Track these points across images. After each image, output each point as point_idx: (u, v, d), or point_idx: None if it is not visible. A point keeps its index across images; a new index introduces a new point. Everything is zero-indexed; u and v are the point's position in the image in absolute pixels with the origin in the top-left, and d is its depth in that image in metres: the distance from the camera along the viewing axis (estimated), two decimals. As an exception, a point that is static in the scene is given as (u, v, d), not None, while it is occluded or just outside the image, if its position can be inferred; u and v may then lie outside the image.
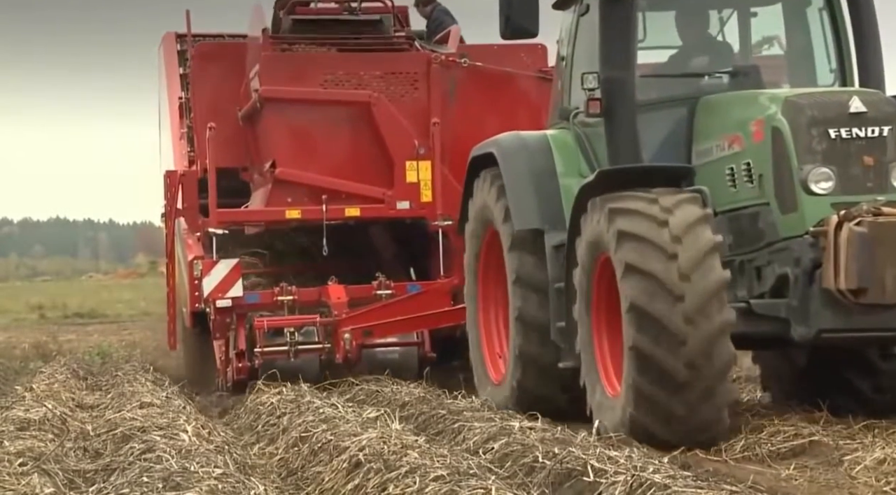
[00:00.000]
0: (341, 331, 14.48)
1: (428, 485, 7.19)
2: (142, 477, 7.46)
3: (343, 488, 8.04)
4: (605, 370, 10.40)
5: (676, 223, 9.78)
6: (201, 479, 7.30)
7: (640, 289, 9.71)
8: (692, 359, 9.57)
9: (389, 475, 7.69)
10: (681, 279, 9.64)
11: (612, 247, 9.96)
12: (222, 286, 14.88)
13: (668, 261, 9.67)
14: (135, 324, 31.57)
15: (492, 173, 12.10)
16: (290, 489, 8.70)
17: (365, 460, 8.28)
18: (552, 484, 7.74)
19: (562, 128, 12.03)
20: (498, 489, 6.90)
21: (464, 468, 7.75)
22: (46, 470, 8.15)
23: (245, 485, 7.46)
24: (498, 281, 12.35)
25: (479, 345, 12.66)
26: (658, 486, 6.82)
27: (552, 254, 11.39)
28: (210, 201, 15.37)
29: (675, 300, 9.62)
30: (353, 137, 15.57)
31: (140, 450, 8.81)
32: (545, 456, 8.18)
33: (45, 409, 11.56)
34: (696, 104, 11.19)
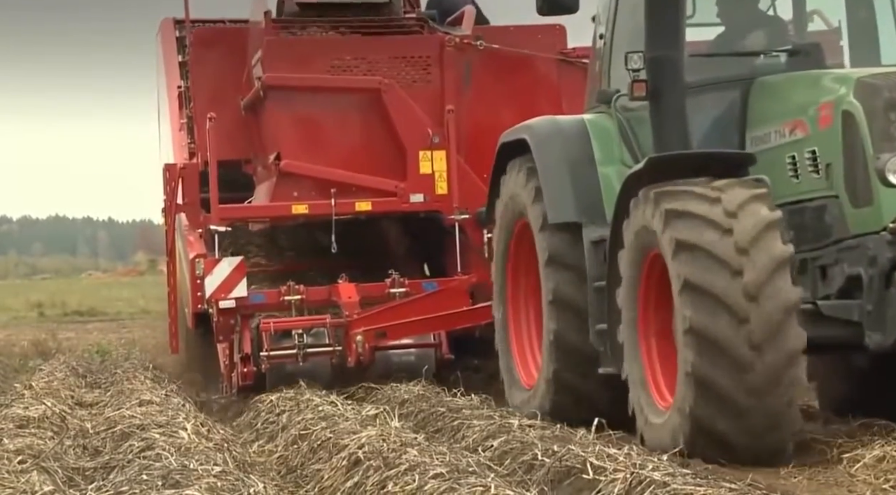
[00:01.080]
0: (353, 333, 13.67)
1: (427, 483, 7.19)
2: (141, 474, 7.46)
3: (342, 486, 8.05)
4: (654, 376, 9.49)
5: (743, 231, 8.77)
6: (200, 477, 7.31)
7: (699, 309, 8.74)
8: (757, 387, 8.64)
9: (389, 472, 7.69)
10: (746, 299, 8.66)
11: (668, 254, 9.02)
12: (225, 285, 14.02)
13: (732, 279, 8.69)
14: (134, 322, 31.62)
15: (523, 161, 11.30)
16: (290, 487, 8.72)
17: (364, 458, 8.29)
18: (551, 482, 7.75)
19: (600, 112, 11.17)
20: (497, 487, 6.88)
21: (463, 466, 7.77)
22: (46, 467, 8.14)
23: (244, 483, 7.46)
24: (529, 279, 11.57)
25: (508, 350, 11.84)
26: (657, 484, 6.81)
27: (591, 250, 10.58)
28: (211, 196, 14.54)
29: (740, 323, 8.66)
30: (363, 126, 14.75)
31: (139, 448, 8.83)
32: (544, 454, 8.17)
33: (44, 407, 11.56)
34: (750, 86, 10.26)
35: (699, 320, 8.71)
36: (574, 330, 10.66)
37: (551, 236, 10.84)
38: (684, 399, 8.83)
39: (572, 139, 11.00)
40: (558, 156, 10.95)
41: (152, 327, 23.83)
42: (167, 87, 17.25)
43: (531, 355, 11.59)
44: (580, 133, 11.02)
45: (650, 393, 9.41)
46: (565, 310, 10.71)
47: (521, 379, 11.61)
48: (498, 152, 11.74)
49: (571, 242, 10.70)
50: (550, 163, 10.94)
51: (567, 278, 10.70)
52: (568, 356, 10.74)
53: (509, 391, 11.75)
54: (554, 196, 10.84)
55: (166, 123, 17.55)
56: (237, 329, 14.09)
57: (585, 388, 10.67)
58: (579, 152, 10.92)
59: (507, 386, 11.80)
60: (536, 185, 10.98)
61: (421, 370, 13.71)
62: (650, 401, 9.39)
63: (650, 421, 9.32)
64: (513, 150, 11.48)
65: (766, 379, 8.63)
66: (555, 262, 10.79)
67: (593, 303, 10.44)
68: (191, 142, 16.08)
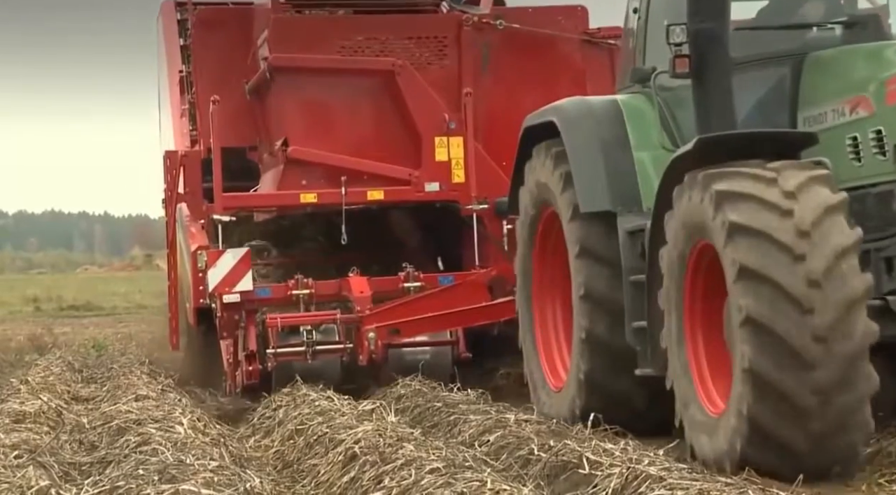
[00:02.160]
0: (365, 330, 13.01)
1: (423, 478, 7.17)
2: (137, 469, 7.45)
3: (339, 481, 8.05)
4: (703, 382, 8.67)
5: (804, 212, 7.98)
6: (197, 472, 7.30)
7: (757, 298, 7.93)
8: (822, 385, 7.83)
9: (385, 467, 7.68)
10: (810, 287, 7.86)
11: (721, 240, 8.20)
12: (230, 279, 13.24)
13: (794, 264, 7.89)
14: (130, 317, 31.66)
15: (550, 146, 10.57)
16: (286, 481, 8.74)
17: (360, 453, 8.29)
18: (548, 477, 7.74)
19: (635, 92, 10.44)
20: (493, 481, 6.86)
21: (459, 460, 7.77)
22: (42, 462, 8.13)
23: (241, 478, 7.45)
24: (557, 272, 10.89)
25: (533, 349, 11.13)
26: (653, 478, 6.79)
27: (626, 241, 9.84)
28: (215, 184, 13.81)
29: (803, 313, 7.85)
30: (375, 111, 14.07)
31: (135, 443, 8.82)
32: (541, 449, 8.17)
33: (40, 402, 11.56)
34: (802, 61, 9.47)
35: (757, 310, 7.91)
36: (607, 328, 10.00)
37: (583, 226, 10.16)
38: (741, 399, 8.02)
39: (605, 121, 10.31)
40: (590, 140, 10.25)
41: (148, 322, 23.85)
42: (168, 73, 16.77)
43: (559, 354, 10.95)
44: (613, 114, 10.33)
45: (700, 401, 8.61)
46: (598, 306, 10.05)
47: (549, 380, 10.95)
48: (522, 136, 11.06)
49: (605, 233, 10.01)
50: (581, 148, 10.24)
51: (600, 272, 10.03)
52: (601, 356, 10.06)
53: (535, 393, 11.07)
54: (586, 183, 10.14)
55: (167, 111, 17.13)
56: (242, 325, 13.44)
57: (620, 391, 9.99)
58: (612, 135, 10.23)
59: (532, 387, 11.12)
60: (566, 172, 10.30)
61: (436, 369, 13.12)
62: (700, 410, 8.58)
63: (701, 432, 8.50)
64: (539, 134, 10.80)
65: (832, 376, 7.83)
66: (587, 255, 10.12)
67: (630, 299, 9.71)
68: (192, 130, 15.60)
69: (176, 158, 14.94)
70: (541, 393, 10.95)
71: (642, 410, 9.71)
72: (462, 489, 6.77)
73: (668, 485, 6.60)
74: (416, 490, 7.06)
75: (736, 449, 8.01)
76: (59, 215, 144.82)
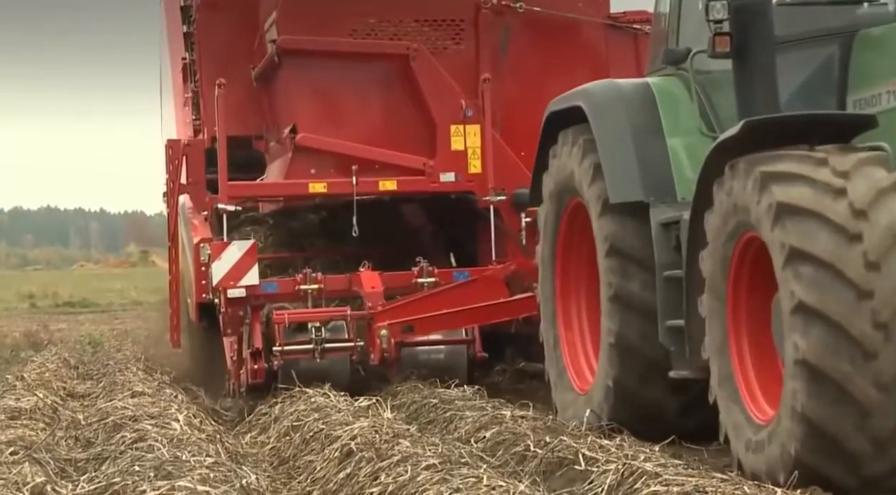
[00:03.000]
0: (377, 327, 12.35)
1: (420, 474, 7.17)
2: (133, 465, 7.44)
3: (335, 477, 8.06)
4: (748, 386, 7.99)
5: (858, 191, 7.28)
6: (193, 468, 7.29)
7: (809, 283, 7.22)
8: (884, 378, 7.09)
9: (381, 464, 7.69)
10: (867, 268, 7.14)
11: (767, 224, 7.49)
12: (235, 273, 12.56)
13: (850, 244, 7.17)
14: (126, 313, 31.77)
15: (577, 131, 9.93)
16: (282, 478, 8.76)
17: (357, 449, 8.31)
18: (543, 473, 7.74)
19: (668, 75, 9.81)
20: (489, 477, 6.86)
21: (455, 456, 7.79)
22: (37, 458, 8.13)
23: (237, 474, 7.46)
24: (582, 266, 10.27)
25: (556, 347, 10.47)
26: (649, 474, 6.77)
27: (660, 233, 9.17)
28: (220, 172, 13.17)
29: (861, 297, 7.13)
30: (388, 97, 13.47)
31: (131, 439, 8.81)
32: (536, 445, 8.18)
33: (36, 398, 11.56)
34: (852, 39, 8.78)
35: (810, 296, 7.19)
36: (639, 332, 9.33)
37: (613, 221, 9.49)
38: (793, 396, 7.29)
39: (635, 106, 9.65)
40: (620, 126, 9.58)
41: (144, 318, 23.90)
42: (170, 60, 16.35)
43: (584, 354, 10.33)
44: (644, 98, 9.68)
45: (747, 410, 7.91)
46: (629, 309, 9.37)
47: (573, 381, 10.28)
48: (546, 122, 10.42)
49: (637, 229, 9.36)
50: (611, 134, 9.58)
51: (632, 272, 9.36)
52: (631, 361, 9.39)
53: (556, 393, 10.44)
54: (616, 172, 9.46)
55: (169, 99, 16.65)
56: (247, 321, 12.79)
57: (650, 398, 9.35)
58: (644, 121, 9.57)
59: (554, 387, 10.48)
60: (595, 162, 9.65)
61: (451, 370, 12.49)
62: (748, 420, 7.86)
63: (749, 442, 7.75)
64: (564, 120, 10.13)
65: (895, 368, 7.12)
66: (617, 253, 9.44)
67: (663, 296, 9.06)
68: (196, 119, 15.14)
69: (178, 148, 14.31)
70: (563, 393, 10.34)
71: (674, 419, 9.16)
72: (458, 485, 6.76)
73: (663, 481, 6.57)
74: (412, 486, 7.05)
75: (790, 454, 7.29)
76: (54, 211, 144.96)
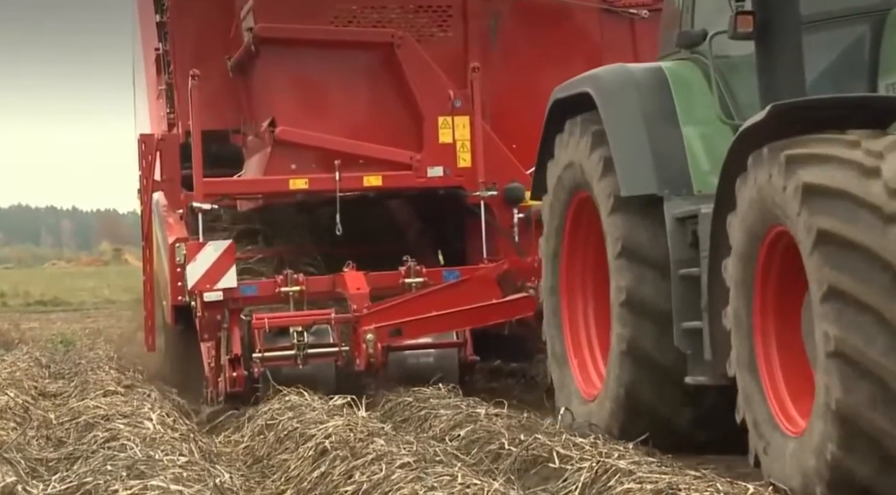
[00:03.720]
0: (363, 331, 11.68)
1: (394, 472, 7.18)
2: (105, 465, 7.40)
3: (309, 476, 8.06)
4: (777, 396, 7.32)
5: (894, 170, 6.64)
6: (166, 467, 7.27)
7: (842, 267, 6.58)
8: None
9: (356, 462, 7.71)
10: None
11: (794, 209, 6.86)
12: (211, 274, 11.92)
13: (885, 226, 6.54)
14: (99, 312, 31.61)
15: (586, 122, 9.33)
16: (256, 477, 8.77)
17: (331, 447, 8.32)
18: (518, 471, 7.78)
19: (682, 59, 9.21)
20: (464, 476, 6.88)
21: (430, 455, 7.83)
22: (8, 458, 8.08)
23: (210, 473, 7.46)
24: (588, 264, 9.77)
25: (560, 349, 9.89)
26: (623, 472, 6.81)
27: (675, 229, 8.54)
28: (195, 168, 12.47)
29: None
30: (372, 88, 12.84)
31: (103, 439, 8.78)
32: (511, 443, 8.21)
33: (7, 398, 11.50)
34: (885, 18, 8.10)
35: (841, 280, 6.57)
36: (652, 337, 8.72)
37: (625, 221, 8.87)
38: (827, 393, 6.63)
39: (648, 92, 9.05)
40: (632, 114, 8.97)
41: (117, 317, 23.85)
42: (143, 52, 15.87)
43: (591, 358, 9.77)
44: (658, 84, 9.08)
45: (778, 425, 7.23)
46: (642, 313, 8.75)
47: (578, 386, 9.71)
48: (551, 110, 9.82)
49: (650, 228, 8.73)
50: (622, 123, 8.97)
51: (645, 275, 8.73)
52: (643, 368, 8.80)
53: (559, 397, 9.86)
54: (628, 163, 8.84)
55: (142, 93, 16.12)
56: (225, 325, 12.13)
57: (664, 407, 8.78)
58: (658, 108, 8.97)
59: (557, 391, 9.90)
60: (605, 155, 9.05)
61: (441, 374, 11.82)
62: (779, 434, 7.20)
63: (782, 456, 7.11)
64: (571, 108, 9.54)
65: None
66: (630, 255, 8.82)
67: (679, 296, 8.44)
68: (170, 112, 14.52)
69: (152, 142, 13.63)
70: (568, 400, 9.74)
71: (688, 430, 8.63)
72: (432, 483, 6.76)
73: (637, 479, 6.58)
74: (386, 484, 7.03)
75: (826, 458, 6.62)
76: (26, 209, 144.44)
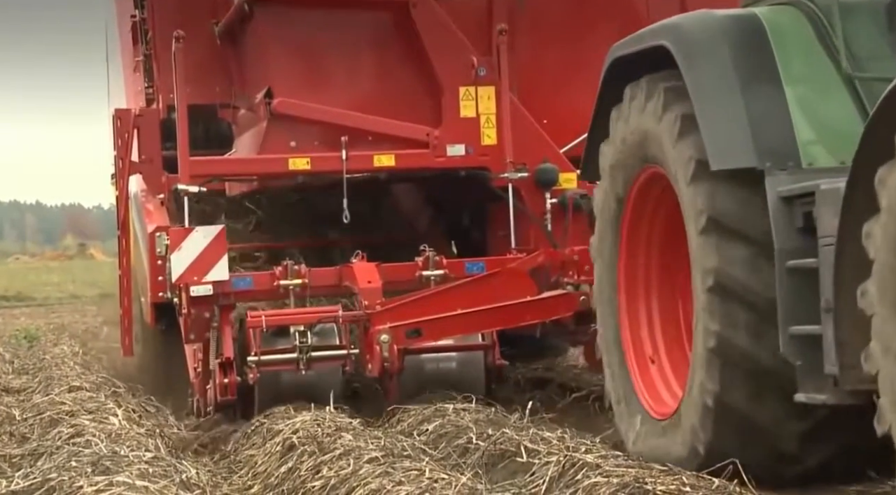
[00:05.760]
0: (375, 331, 10.19)
1: (362, 467, 7.27)
2: (70, 461, 7.38)
3: (276, 471, 8.12)
4: None
5: None
6: (132, 463, 7.27)
7: None
8: None
9: (323, 457, 7.78)
10: None
11: None
12: (200, 265, 10.39)
13: None
14: (63, 308, 31.47)
15: (657, 82, 7.82)
16: (223, 472, 8.88)
17: (299, 443, 8.38)
18: (486, 465, 7.87)
19: (778, 4, 7.71)
20: (432, 470, 6.98)
21: (398, 450, 7.93)
22: (-29, 455, 8.03)
23: (176, 469, 7.45)
24: (654, 255, 8.32)
25: (620, 360, 8.31)
26: (590, 466, 6.88)
27: (780, 210, 6.96)
28: (180, 146, 10.93)
29: None
30: (384, 53, 11.44)
31: (68, 435, 8.77)
32: (479, 438, 8.30)
33: (-30, 394, 11.41)
34: None
35: None
36: (750, 332, 7.13)
37: (711, 189, 7.31)
38: None
39: (743, 44, 7.45)
40: (723, 70, 7.38)
41: (82, 312, 23.67)
42: (118, 21, 14.47)
43: (659, 371, 8.24)
44: (753, 34, 7.48)
45: None
46: (735, 302, 7.17)
47: (646, 405, 8.12)
48: (607, 72, 8.32)
49: (745, 199, 7.21)
50: (712, 81, 7.38)
51: (739, 253, 7.17)
52: (737, 371, 7.18)
53: (622, 419, 8.27)
54: (719, 129, 7.27)
55: (117, 67, 14.73)
56: (214, 325, 10.69)
57: (763, 422, 7.16)
58: (754, 63, 7.39)
59: (619, 412, 8.32)
60: (682, 113, 7.51)
61: (466, 382, 10.50)
62: None
63: None
64: (634, 68, 8.02)
65: None
66: (719, 229, 7.25)
67: (787, 293, 6.88)
68: (148, 86, 12.91)
69: (128, 119, 12.05)
70: (635, 420, 8.14)
71: (794, 451, 7.13)
72: (400, 478, 6.81)
73: (604, 473, 6.60)
74: (354, 479, 7.07)
75: None
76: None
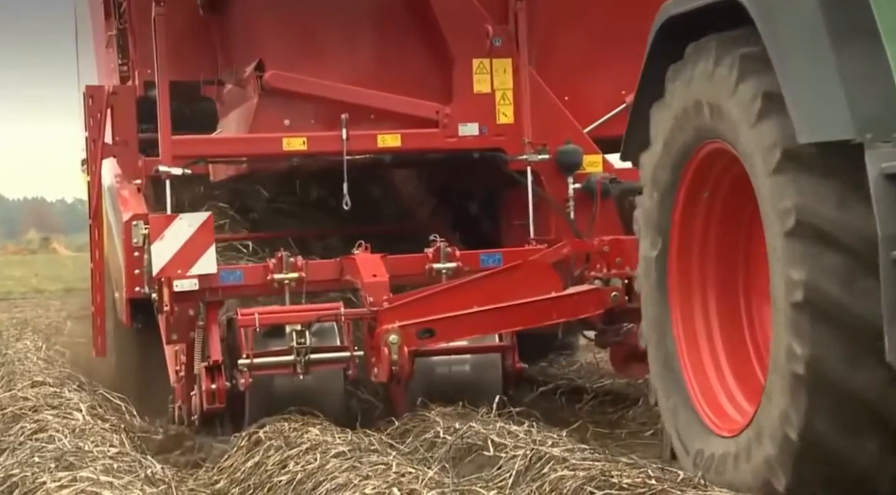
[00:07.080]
0: (382, 331, 9.19)
1: (329, 462, 7.31)
2: (33, 457, 7.38)
3: (242, 466, 8.14)
4: None
5: None
6: (96, 458, 7.27)
7: None
8: None
9: (290, 452, 7.81)
10: None
11: None
12: (184, 257, 9.47)
13: None
14: (26, 302, 31.33)
15: (723, 43, 6.73)
16: (189, 467, 8.63)
17: (265, 437, 8.40)
18: (453, 459, 7.91)
19: None
20: (399, 464, 7.01)
21: (364, 444, 8.00)
22: (-69, 452, 7.95)
23: (141, 464, 7.40)
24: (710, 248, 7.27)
25: (676, 371, 7.30)
26: (557, 459, 6.93)
27: (884, 189, 5.86)
28: (161, 125, 10.01)
29: None
30: (389, 21, 10.54)
31: (31, 430, 8.80)
32: (446, 432, 8.37)
33: (-70, 390, 11.30)
34: None
35: None
36: (846, 357, 6.03)
37: (801, 180, 6.17)
38: None
39: None
40: (811, 28, 6.27)
41: (45, 307, 23.56)
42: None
43: (720, 381, 7.21)
44: None
45: None
46: (829, 321, 6.05)
47: (703, 416, 7.12)
48: (657, 33, 7.22)
49: (842, 192, 6.08)
50: (798, 42, 6.28)
51: (834, 263, 6.03)
52: (830, 401, 6.10)
53: (677, 435, 7.25)
54: (808, 97, 6.15)
55: (88, 45, 13.55)
56: (200, 323, 9.75)
57: (858, 460, 6.12)
58: (847, 19, 6.26)
59: (672, 428, 7.30)
60: (766, 88, 6.38)
61: (482, 387, 9.57)
62: None
63: None
64: (694, 28, 6.95)
65: None
66: (810, 232, 6.09)
67: (893, 288, 5.81)
68: (122, 63, 11.84)
69: (101, 96, 10.85)
70: (697, 439, 7.07)
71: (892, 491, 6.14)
72: (367, 472, 6.87)
73: (570, 466, 6.64)
74: (321, 473, 7.12)
75: None
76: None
